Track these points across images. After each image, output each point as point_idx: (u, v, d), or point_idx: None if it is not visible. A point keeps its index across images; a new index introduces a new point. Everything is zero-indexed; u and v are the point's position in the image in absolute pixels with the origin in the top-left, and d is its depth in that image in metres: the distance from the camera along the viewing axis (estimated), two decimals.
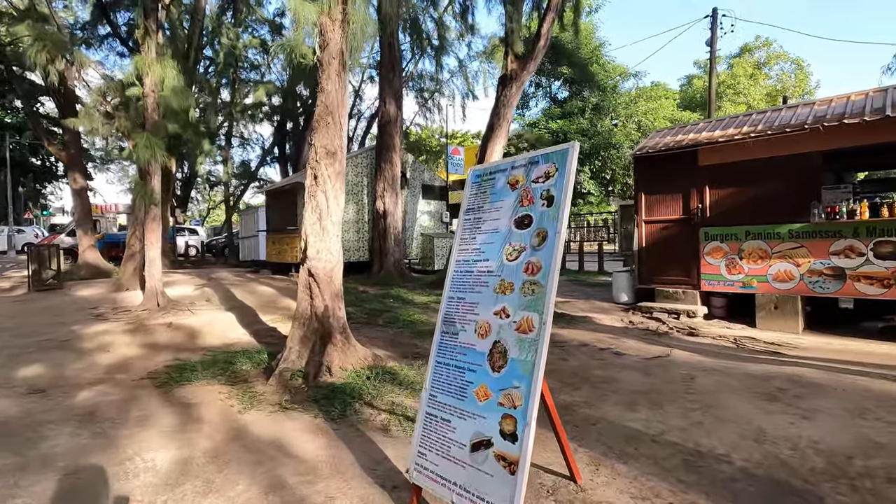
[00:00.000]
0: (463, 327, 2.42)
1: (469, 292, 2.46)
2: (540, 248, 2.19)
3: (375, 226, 13.32)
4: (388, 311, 8.31)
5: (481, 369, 2.25)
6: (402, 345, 6.17)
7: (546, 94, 32.92)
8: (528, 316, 2.12)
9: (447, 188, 16.85)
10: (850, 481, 2.66)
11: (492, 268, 2.39)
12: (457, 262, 2.61)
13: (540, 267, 2.16)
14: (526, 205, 2.35)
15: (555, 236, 2.14)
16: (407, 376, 4.69)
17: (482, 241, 2.51)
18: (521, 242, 2.30)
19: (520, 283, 2.22)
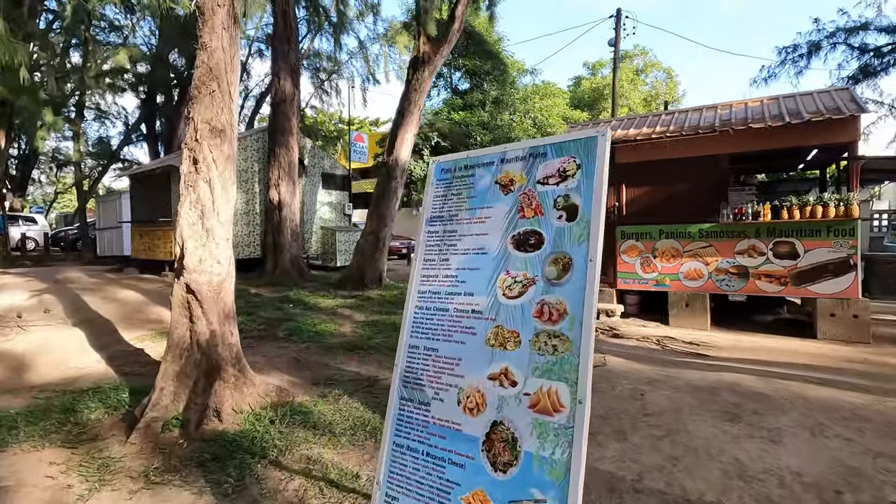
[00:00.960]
0: (437, 394, 1.65)
1: (444, 341, 1.69)
2: (561, 283, 1.49)
3: (269, 218, 11.80)
4: (289, 320, 7.17)
5: (473, 465, 1.50)
6: (310, 366, 5.17)
7: (447, 84, 32.63)
8: (551, 387, 1.41)
9: (350, 177, 15.64)
10: None
11: (479, 306, 1.64)
12: (420, 293, 1.82)
13: (563, 311, 1.45)
14: (530, 216, 1.63)
15: (585, 266, 1.45)
16: (322, 415, 3.77)
17: (460, 266, 1.74)
18: (525, 271, 1.58)
19: (530, 333, 1.50)
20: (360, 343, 5.97)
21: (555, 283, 1.50)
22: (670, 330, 6.84)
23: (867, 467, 2.85)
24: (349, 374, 4.87)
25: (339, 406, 3.98)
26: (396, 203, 10.35)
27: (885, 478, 2.75)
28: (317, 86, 21.91)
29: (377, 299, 9.06)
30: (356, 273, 10.30)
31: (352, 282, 10.21)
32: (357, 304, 8.63)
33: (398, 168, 10.08)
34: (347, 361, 5.32)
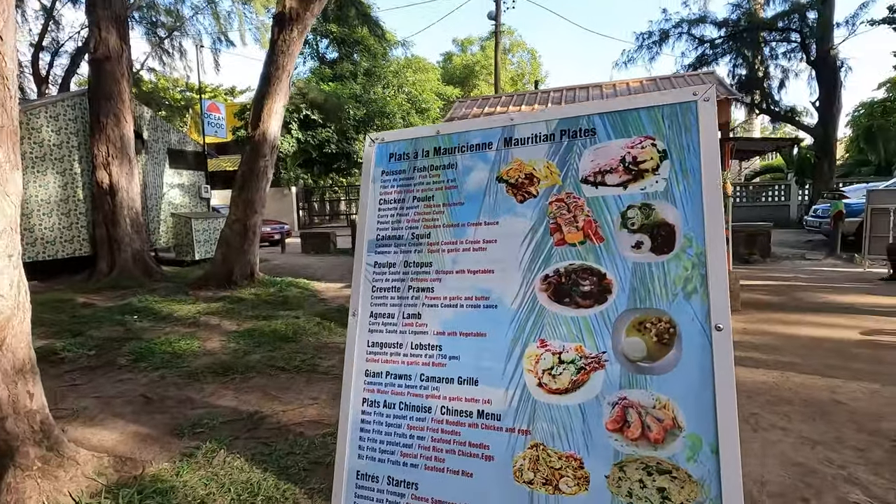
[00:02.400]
0: None
1: (429, 470, 0.94)
2: (657, 367, 0.82)
3: (99, 206, 9.46)
4: (134, 339, 5.65)
5: None
6: (165, 405, 3.95)
7: (314, 53, 30.16)
8: None
9: (205, 154, 13.37)
10: None
11: (493, 405, 0.92)
12: (369, 378, 1.04)
13: (672, 422, 0.79)
14: (575, 240, 0.93)
15: (708, 337, 0.80)
16: (191, 490, 2.74)
17: (445, 329, 1.00)
18: (579, 343, 0.88)
19: (606, 461, 0.83)
20: (234, 363, 4.83)
21: (644, 367, 0.83)
22: None
23: (813, 462, 2.78)
24: (223, 411, 3.80)
25: (213, 469, 2.96)
26: (267, 185, 8.92)
27: (834, 471, 2.68)
28: (155, 44, 18.43)
29: (251, 300, 7.73)
30: (222, 268, 8.73)
31: (216, 279, 8.63)
32: (226, 308, 7.23)
33: (267, 144, 8.63)
34: (219, 392, 4.20)
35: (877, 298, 6.88)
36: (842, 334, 5.21)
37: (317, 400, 4.02)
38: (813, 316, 6.06)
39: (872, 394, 3.61)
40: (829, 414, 3.32)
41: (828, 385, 3.80)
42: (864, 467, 2.72)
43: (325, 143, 24.99)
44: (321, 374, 4.60)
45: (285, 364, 4.81)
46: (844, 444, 2.96)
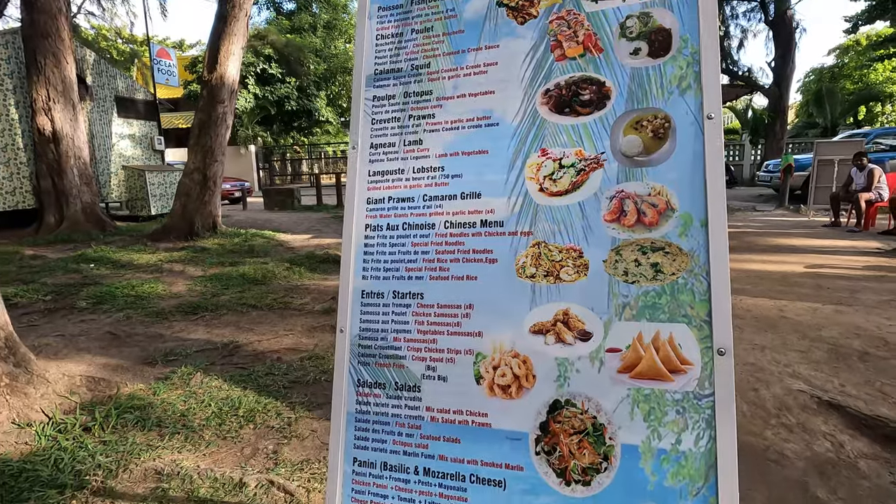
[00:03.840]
0: (433, 370, 0.96)
1: (435, 280, 0.98)
2: (654, 159, 0.88)
3: (42, 154, 8.84)
4: (93, 284, 5.44)
5: (522, 479, 0.88)
6: (135, 340, 3.87)
7: (270, 2, 28.47)
8: (658, 334, 0.83)
9: (156, 103, 12.59)
10: (778, 420, 2.44)
11: (496, 213, 0.96)
12: (371, 205, 1.06)
13: (666, 205, 0.86)
14: (575, 54, 0.96)
15: (701, 128, 0.86)
16: (169, 405, 2.73)
17: (448, 151, 1.02)
18: (579, 148, 0.93)
19: (604, 248, 0.89)
20: (204, 303, 4.74)
21: (641, 161, 0.88)
22: None
23: (763, 362, 3.03)
24: (196, 343, 3.76)
25: (191, 389, 2.95)
26: (227, 132, 8.55)
27: (780, 369, 2.94)
28: None
29: (215, 249, 7.52)
30: (181, 220, 8.41)
31: (176, 231, 8.33)
32: (189, 256, 7.02)
33: (225, 88, 8.22)
34: (189, 328, 4.14)
35: (819, 241, 7.38)
36: (787, 268, 5.59)
37: (292, 331, 4.02)
38: (762, 255, 6.45)
39: (814, 311, 3.93)
40: (776, 326, 3.61)
41: (775, 305, 4.10)
42: (805, 365, 2.99)
43: (284, 100, 23.96)
44: (294, 310, 4.58)
45: (256, 302, 4.76)
46: (789, 348, 3.23)
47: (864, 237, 7.57)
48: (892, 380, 2.81)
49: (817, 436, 2.33)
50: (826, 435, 2.33)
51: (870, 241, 7.17)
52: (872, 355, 3.09)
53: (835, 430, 2.36)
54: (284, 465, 2.23)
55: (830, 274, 5.28)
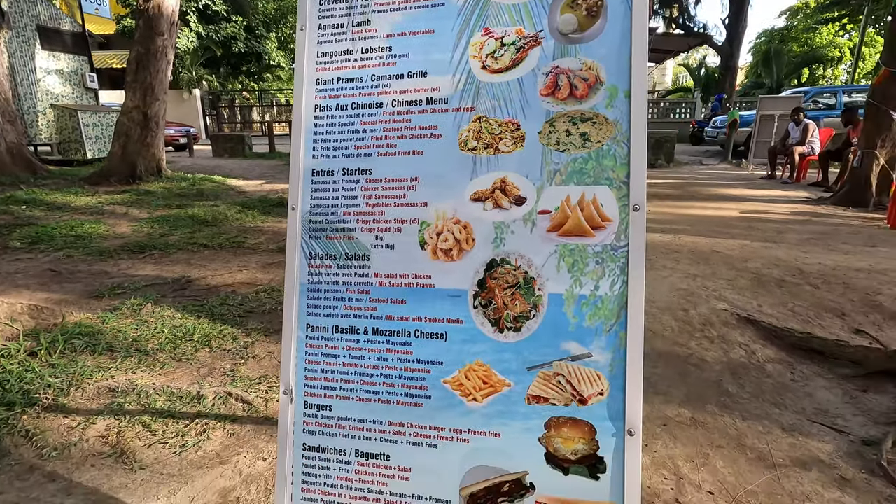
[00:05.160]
0: (380, 240, 1.02)
1: (383, 155, 1.03)
2: (586, 36, 0.94)
3: None
4: (27, 225, 5.13)
5: (462, 330, 0.98)
6: (78, 277, 3.74)
7: None
8: (583, 195, 0.92)
9: (86, 35, 11.50)
10: (702, 333, 2.70)
11: (441, 91, 1.01)
12: (321, 86, 1.08)
13: (596, 79, 0.93)
14: None
15: (625, 3, 0.93)
16: (120, 333, 2.71)
17: (395, 31, 1.05)
18: (519, 26, 0.98)
19: (539, 120, 0.96)
20: (152, 243, 4.59)
21: (575, 38, 0.94)
22: None
23: (693, 288, 3.30)
24: (145, 279, 3.67)
25: (142, 318, 2.92)
26: (168, 68, 7.99)
27: (708, 293, 3.22)
28: None
29: (161, 193, 7.18)
30: (122, 162, 7.93)
31: (117, 174, 7.86)
32: (133, 199, 6.69)
33: (164, 19, 7.60)
34: (136, 266, 4.02)
35: (756, 191, 7.86)
36: (724, 213, 5.98)
37: (246, 267, 3.99)
38: (703, 202, 6.83)
39: (743, 247, 4.26)
40: (708, 259, 3.90)
41: (710, 242, 4.41)
42: (731, 290, 3.28)
43: (230, 41, 22.38)
44: (248, 249, 4.52)
45: (208, 242, 4.65)
46: (718, 277, 3.52)
47: (795, 188, 8.12)
48: (802, 301, 3.14)
49: (734, 345, 2.61)
50: (741, 345, 2.61)
51: (800, 192, 7.71)
52: (788, 282, 3.43)
53: (749, 341, 2.65)
54: (242, 380, 2.29)
55: (762, 218, 5.68)
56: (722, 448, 1.81)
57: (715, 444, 1.83)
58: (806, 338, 2.60)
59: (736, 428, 1.93)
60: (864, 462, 1.74)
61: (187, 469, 1.72)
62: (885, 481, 1.64)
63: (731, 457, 1.77)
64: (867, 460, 1.74)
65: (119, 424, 1.94)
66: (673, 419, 1.99)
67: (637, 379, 0.87)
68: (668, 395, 2.16)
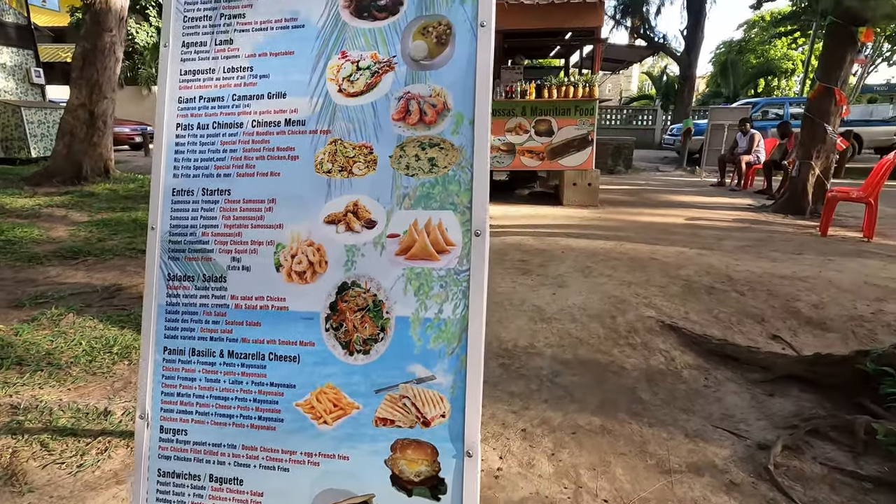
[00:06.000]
0: (237, 261, 1.02)
1: (242, 176, 1.03)
2: (436, 63, 0.96)
3: None
4: None
5: (313, 353, 0.98)
6: (2, 286, 3.56)
7: None
8: (430, 220, 0.94)
9: (31, 29, 11.00)
10: (626, 340, 2.78)
11: (299, 113, 1.01)
12: (183, 104, 1.07)
13: (444, 106, 0.95)
14: None
15: (475, 35, 0.95)
16: (33, 345, 2.60)
17: (257, 51, 1.04)
18: (374, 51, 0.99)
19: (390, 145, 0.97)
20: (87, 248, 4.42)
21: (426, 64, 0.96)
22: None
23: (626, 295, 3.39)
24: (73, 287, 3.53)
25: (61, 329, 2.81)
26: (117, 66, 7.71)
27: (639, 300, 3.31)
28: None
29: (105, 195, 6.93)
30: (66, 162, 7.61)
31: (61, 174, 7.54)
32: (74, 201, 6.43)
33: (112, 14, 7.35)
34: (66, 273, 3.87)
35: (705, 198, 8.15)
36: (670, 220, 6.17)
37: None
38: (653, 209, 7.03)
39: (680, 254, 4.41)
40: (646, 267, 4.02)
41: (650, 249, 4.55)
42: (661, 297, 3.39)
43: None
44: None
45: None
46: (651, 284, 3.63)
47: (742, 195, 8.45)
48: (727, 308, 3.26)
49: (655, 352, 2.69)
50: (662, 351, 2.70)
51: (746, 199, 8.02)
52: (717, 289, 3.56)
53: (670, 348, 2.74)
54: None
55: (705, 225, 5.90)
56: (624, 455, 1.87)
57: (618, 452, 1.89)
58: (722, 344, 2.71)
59: (641, 435, 2.00)
60: (755, 466, 1.82)
61: (81, 490, 1.66)
62: (770, 485, 1.72)
63: (632, 464, 1.82)
64: (757, 465, 1.83)
65: (15, 444, 1.86)
66: (583, 427, 2.04)
67: (476, 401, 0.89)
68: (584, 402, 2.21)
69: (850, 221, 6.04)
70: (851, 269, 4.02)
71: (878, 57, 30.30)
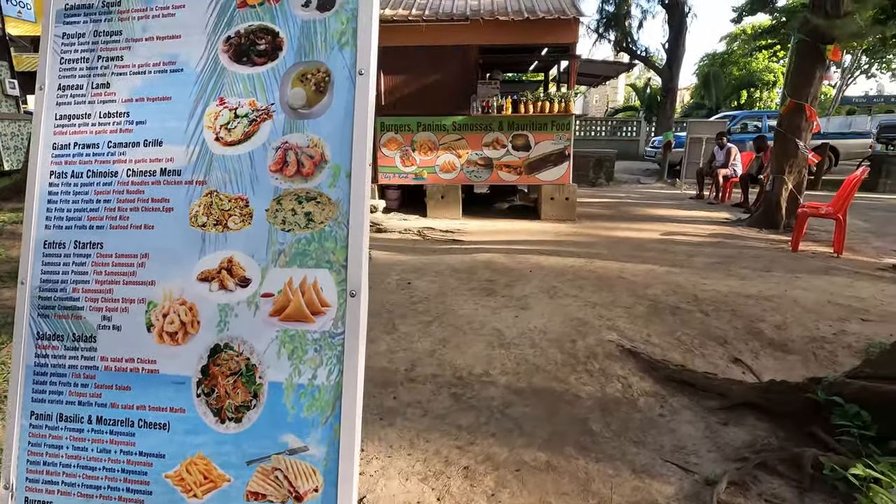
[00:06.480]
0: (108, 320, 0.95)
1: (115, 229, 0.97)
2: (315, 112, 0.91)
3: None
4: None
5: (184, 420, 0.91)
6: None
7: None
8: (305, 278, 0.89)
9: (6, 39, 10.85)
10: (584, 366, 2.73)
11: (175, 162, 0.96)
12: (57, 150, 1.01)
13: (321, 158, 0.90)
14: (255, 2, 0.95)
15: (353, 83, 0.90)
16: None
17: (134, 95, 0.99)
18: (253, 98, 0.94)
19: (267, 197, 0.92)
20: None
21: (304, 113, 0.91)
22: (429, 221, 7.08)
23: (589, 317, 3.36)
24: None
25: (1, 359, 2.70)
26: None
27: (602, 322, 3.27)
28: None
29: None
30: None
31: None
32: None
33: None
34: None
35: (682, 212, 8.19)
36: (645, 235, 6.17)
37: None
38: (630, 223, 7.05)
39: (649, 272, 4.39)
40: (613, 286, 3.99)
41: (619, 267, 4.53)
42: (625, 319, 3.36)
43: None
44: None
45: None
46: (617, 304, 3.60)
47: (719, 208, 8.51)
48: (690, 329, 3.24)
49: (612, 379, 2.65)
50: (620, 378, 2.66)
51: (722, 213, 8.08)
52: (682, 309, 3.54)
53: (628, 374, 2.70)
54: None
55: (679, 240, 5.90)
56: (566, 496, 1.81)
57: (561, 492, 1.83)
58: (679, 370, 2.68)
59: (587, 472, 1.94)
60: None
61: None
62: None
63: None
64: (702, 503, 1.78)
65: None
66: (528, 464, 1.98)
67: (350, 474, 0.83)
68: (532, 436, 2.16)
69: (822, 236, 6.09)
70: (817, 287, 4.03)
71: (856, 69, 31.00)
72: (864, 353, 2.98)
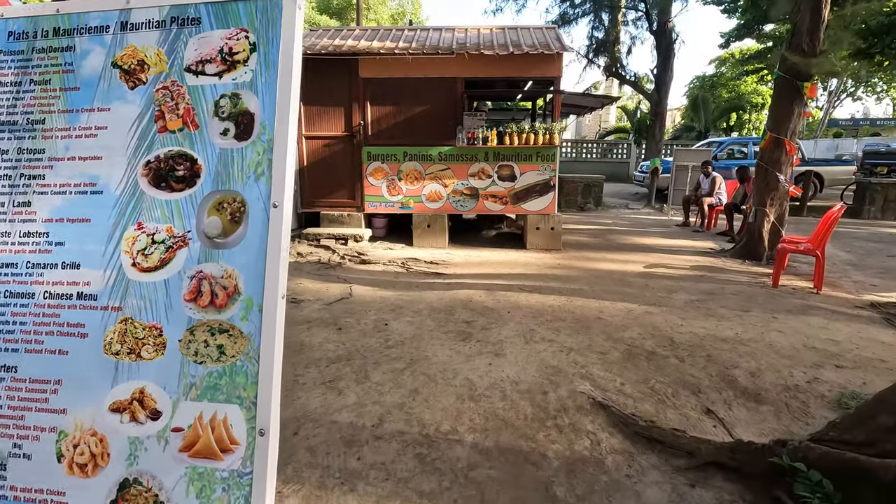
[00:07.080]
0: (19, 448, 0.94)
1: (28, 352, 0.96)
2: (229, 242, 0.91)
3: None
4: None
5: None
6: None
7: None
8: (215, 414, 0.87)
9: None
10: (553, 421, 2.71)
11: (91, 287, 0.95)
12: None
13: (234, 289, 0.90)
14: (175, 128, 0.96)
15: (267, 215, 0.90)
16: None
17: (53, 216, 0.99)
18: (170, 224, 0.94)
19: (180, 327, 0.91)
20: None
21: (219, 242, 0.91)
22: (414, 251, 7.08)
23: (563, 364, 3.34)
24: None
25: None
26: None
27: (576, 370, 3.26)
28: None
29: None
30: None
31: None
32: None
33: None
34: None
35: (668, 240, 8.24)
36: (629, 267, 6.19)
37: None
38: (615, 254, 7.07)
39: (628, 312, 4.40)
40: (590, 328, 3.99)
41: (599, 306, 4.53)
42: (599, 366, 3.34)
43: None
44: None
45: None
46: (592, 349, 3.59)
47: (704, 237, 8.57)
48: (664, 377, 3.23)
49: (582, 435, 2.62)
50: (589, 434, 2.63)
51: (708, 241, 8.13)
52: (658, 355, 3.53)
53: (598, 429, 2.67)
54: None
55: (661, 274, 5.92)
56: None
57: None
58: (648, 427, 2.66)
59: None
60: None
61: None
62: None
63: None
64: None
65: None
66: None
67: None
68: (493, 502, 2.12)
69: (803, 269, 6.13)
70: (794, 329, 4.04)
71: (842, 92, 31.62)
72: (836, 404, 2.98)
